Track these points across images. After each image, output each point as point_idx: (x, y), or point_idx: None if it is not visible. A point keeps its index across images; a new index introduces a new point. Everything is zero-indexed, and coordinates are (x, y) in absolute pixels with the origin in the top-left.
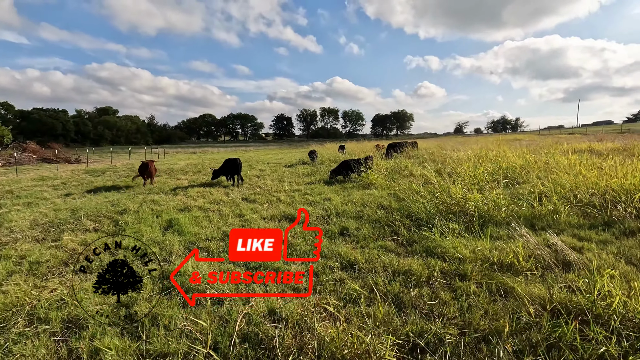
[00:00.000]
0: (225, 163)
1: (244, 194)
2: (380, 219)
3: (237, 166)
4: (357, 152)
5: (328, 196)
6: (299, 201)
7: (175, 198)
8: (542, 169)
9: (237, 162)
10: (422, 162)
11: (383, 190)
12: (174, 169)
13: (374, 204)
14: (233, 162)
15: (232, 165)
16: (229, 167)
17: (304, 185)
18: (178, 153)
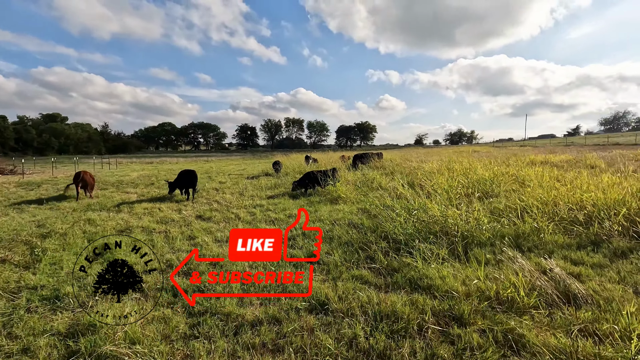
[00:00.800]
0: (180, 175)
1: (199, 211)
2: (353, 241)
3: (193, 178)
4: (322, 162)
5: (293, 213)
6: (261, 219)
7: (116, 216)
8: (511, 182)
9: (192, 174)
10: (390, 174)
11: (353, 205)
12: (123, 180)
13: (344, 222)
14: (188, 174)
15: (187, 178)
16: (184, 180)
17: (267, 199)
18: (132, 163)
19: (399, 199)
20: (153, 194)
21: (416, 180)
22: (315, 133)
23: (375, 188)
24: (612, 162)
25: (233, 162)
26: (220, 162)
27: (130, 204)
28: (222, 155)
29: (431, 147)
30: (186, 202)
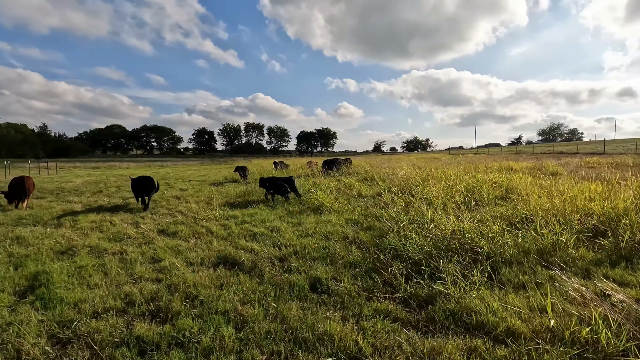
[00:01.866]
0: (135, 182)
1: (160, 224)
2: (360, 262)
3: (151, 186)
4: (290, 168)
5: (275, 225)
6: (239, 233)
7: (56, 232)
8: (495, 190)
9: (149, 181)
10: (366, 180)
11: (340, 215)
12: (65, 188)
13: (338, 236)
14: (144, 182)
15: (143, 184)
16: (140, 187)
17: (240, 209)
18: (76, 168)
19: (385, 206)
20: (102, 203)
21: (398, 187)
22: (275, 138)
23: (356, 196)
24: (574, 169)
25: (191, 168)
26: (177, 168)
27: (73, 215)
28: (177, 160)
29: (390, 154)
30: (143, 212)
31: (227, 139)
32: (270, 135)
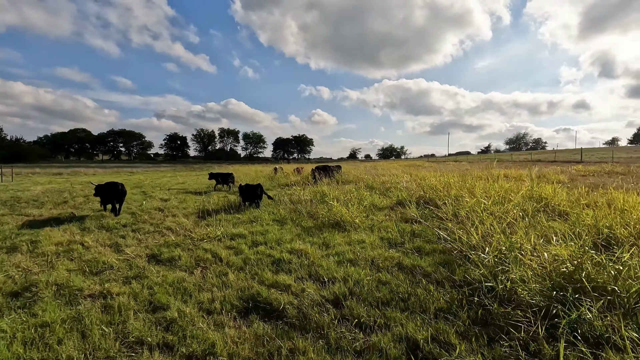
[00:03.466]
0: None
1: (149, 246)
2: (449, 308)
3: (119, 194)
4: (275, 175)
5: (297, 247)
6: (257, 260)
7: (7, 261)
8: (533, 202)
9: (118, 187)
10: (372, 189)
11: (369, 233)
12: (21, 197)
13: (388, 264)
14: (114, 187)
15: (113, 190)
16: (108, 192)
17: (244, 225)
18: (35, 174)
19: (420, 223)
20: (69, 217)
21: (418, 198)
22: (251, 145)
23: (371, 208)
24: (571, 177)
25: (165, 174)
26: (149, 174)
27: (32, 234)
28: (148, 165)
29: (367, 161)
30: (124, 230)
31: (200, 144)
32: (245, 141)
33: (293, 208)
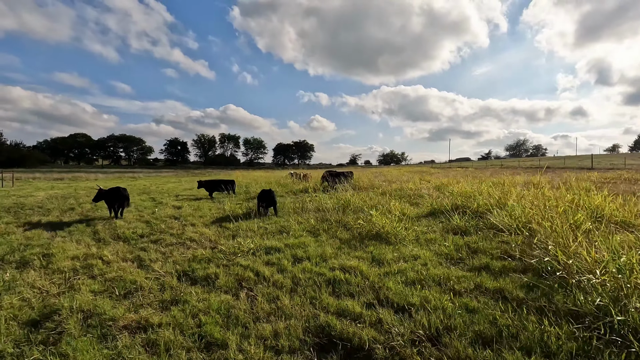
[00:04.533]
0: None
1: (177, 261)
2: (591, 354)
3: (122, 198)
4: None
5: (345, 263)
6: (307, 280)
7: (20, 279)
8: (586, 210)
9: (121, 192)
10: (398, 197)
11: (418, 246)
12: (25, 204)
13: (469, 286)
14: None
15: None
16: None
17: (274, 237)
18: (36, 179)
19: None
20: (79, 225)
21: (448, 206)
22: (252, 150)
23: (402, 217)
24: (596, 185)
25: (169, 180)
26: (152, 179)
27: (43, 246)
28: (149, 171)
29: (370, 167)
30: (142, 241)
31: (201, 150)
32: (246, 146)
33: (320, 216)
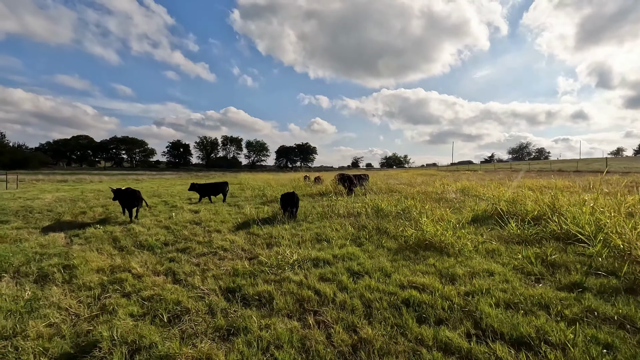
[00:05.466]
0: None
1: (216, 274)
2: None
3: (135, 199)
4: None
5: (417, 281)
6: (379, 300)
7: (42, 297)
8: None
9: (135, 194)
10: (422, 202)
11: (485, 259)
12: (33, 207)
13: (579, 310)
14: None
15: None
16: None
17: (314, 245)
18: (40, 181)
19: None
20: (94, 231)
21: (491, 212)
22: (254, 152)
23: (447, 226)
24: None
25: (176, 183)
26: (157, 182)
27: (61, 255)
28: (152, 173)
29: (375, 170)
30: (169, 250)
31: (203, 152)
32: (248, 149)
33: (352, 222)
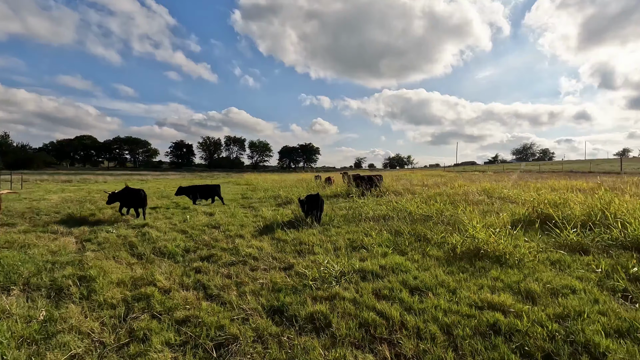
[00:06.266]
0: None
1: (254, 289)
2: None
3: (141, 199)
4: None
5: (489, 299)
6: (457, 325)
7: (59, 319)
8: None
9: (140, 194)
10: (449, 204)
11: (554, 272)
12: (40, 208)
13: None
14: (136, 194)
15: (134, 197)
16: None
17: (351, 254)
18: (44, 182)
19: None
20: (107, 235)
21: (530, 215)
22: (257, 153)
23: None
24: None
25: (181, 183)
26: (163, 182)
27: (75, 264)
28: (156, 173)
29: (374, 170)
30: (191, 258)
31: (206, 152)
32: (251, 149)
33: (384, 226)
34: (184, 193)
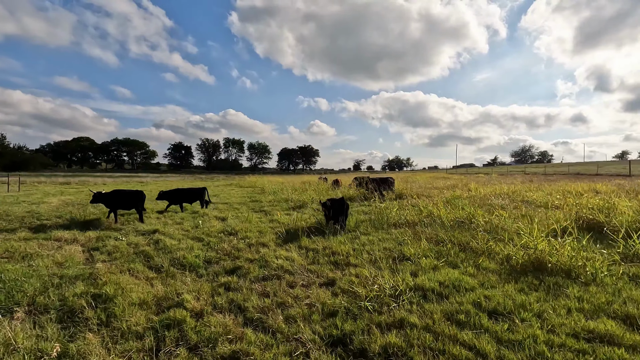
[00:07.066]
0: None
1: (307, 316)
2: None
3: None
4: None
5: (586, 326)
6: None
7: (75, 353)
8: None
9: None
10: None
11: (628, 289)
12: (41, 212)
13: None
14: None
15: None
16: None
17: (396, 266)
18: (41, 184)
19: None
20: (115, 243)
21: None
22: (256, 155)
23: None
24: None
25: (183, 185)
26: (163, 184)
27: (87, 280)
28: (155, 175)
29: (373, 173)
30: (215, 271)
31: (205, 154)
32: (250, 151)
33: (421, 232)
34: (166, 198)
